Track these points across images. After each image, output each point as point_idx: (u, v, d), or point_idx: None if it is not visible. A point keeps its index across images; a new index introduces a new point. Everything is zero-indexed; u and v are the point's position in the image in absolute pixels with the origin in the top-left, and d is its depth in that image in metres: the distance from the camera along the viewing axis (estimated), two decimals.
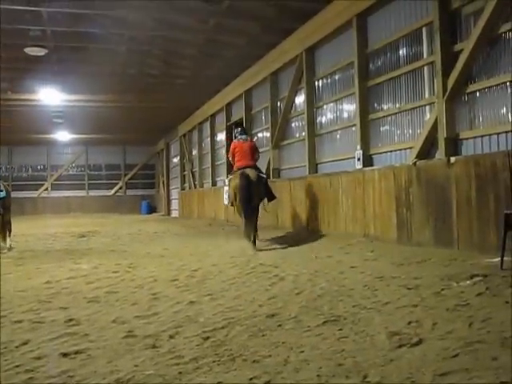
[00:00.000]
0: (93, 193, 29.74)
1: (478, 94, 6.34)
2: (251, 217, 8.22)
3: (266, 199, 8.86)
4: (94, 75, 13.90)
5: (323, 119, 10.32)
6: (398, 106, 7.95)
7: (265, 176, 8.98)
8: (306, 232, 9.76)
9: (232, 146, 9.04)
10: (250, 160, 8.80)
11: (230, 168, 11.32)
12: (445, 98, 6.64)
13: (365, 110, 8.61)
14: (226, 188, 9.26)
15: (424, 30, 7.25)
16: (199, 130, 20.04)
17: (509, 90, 5.86)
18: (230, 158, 9.11)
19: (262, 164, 12.90)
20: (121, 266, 6.28)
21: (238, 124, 13.69)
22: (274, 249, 7.88)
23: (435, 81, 6.91)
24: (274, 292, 4.36)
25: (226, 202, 9.24)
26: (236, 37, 11.10)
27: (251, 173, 8.56)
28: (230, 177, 9.00)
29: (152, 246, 9.17)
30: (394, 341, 2.75)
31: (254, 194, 8.35)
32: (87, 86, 15.10)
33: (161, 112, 19.32)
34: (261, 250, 7.59)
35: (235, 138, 9.21)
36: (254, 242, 7.97)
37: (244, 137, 9.12)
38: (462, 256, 5.43)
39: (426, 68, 7.29)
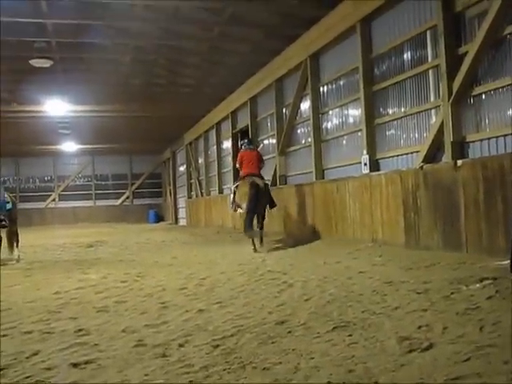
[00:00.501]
0: (100, 203, 29.84)
1: (483, 96, 6.31)
2: (257, 222, 9.07)
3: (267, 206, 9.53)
4: (99, 85, 13.99)
5: (329, 125, 10.32)
6: (403, 110, 7.93)
7: (268, 183, 9.77)
8: (313, 238, 9.76)
9: (239, 156, 9.90)
10: (256, 168, 9.68)
11: (236, 175, 11.63)
12: (450, 101, 6.62)
13: (370, 114, 8.60)
14: (231, 195, 9.90)
15: (428, 33, 7.23)
16: (205, 138, 20.07)
17: None
18: (238, 166, 9.94)
19: (268, 171, 12.95)
20: (129, 276, 6.30)
21: (244, 133, 14.43)
22: (281, 255, 7.88)
23: (440, 84, 6.89)
24: (283, 299, 4.36)
25: (230, 208, 10.01)
26: (240, 44, 11.15)
27: (259, 181, 9.34)
28: (237, 183, 9.67)
29: (160, 254, 9.18)
30: (404, 346, 2.74)
31: (260, 201, 9.10)
32: (93, 96, 15.20)
33: (166, 121, 19.39)
34: (268, 250, 7.67)
35: (243, 147, 10.07)
36: (261, 242, 8.87)
37: (251, 147, 10.06)
38: (470, 259, 5.40)
39: (430, 71, 7.27)
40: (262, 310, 3.95)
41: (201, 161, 21.18)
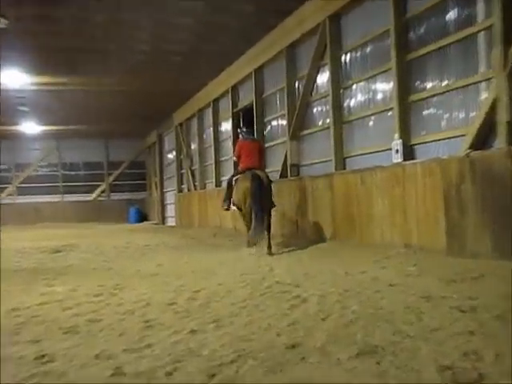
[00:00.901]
0: (69, 198, 29.99)
1: None
2: (262, 222, 9.30)
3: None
4: (66, 52, 13.87)
5: (352, 102, 10.34)
6: (445, 83, 7.91)
7: (271, 180, 10.24)
8: (332, 242, 9.81)
9: (238, 146, 10.44)
10: (257, 161, 10.22)
11: (235, 168, 11.90)
12: (506, 71, 6.57)
13: (404, 89, 8.59)
14: (226, 189, 10.47)
15: None
16: (199, 118, 20.15)
17: None
18: (235, 159, 10.54)
19: (276, 159, 13.08)
20: (105, 288, 6.32)
21: (248, 113, 14.77)
22: (293, 263, 7.92)
23: (493, 50, 6.83)
24: (295, 317, 4.37)
25: (225, 205, 10.48)
26: (243, 3, 11.09)
27: (263, 175, 9.82)
28: (236, 177, 10.16)
29: (143, 262, 9.23)
30: (446, 377, 2.72)
31: (266, 198, 9.55)
32: (58, 65, 15.13)
33: (151, 97, 19.46)
34: (277, 257, 7.62)
35: (241, 136, 10.63)
36: (269, 247, 9.30)
37: (251, 136, 10.64)
38: None
39: (481, 35, 7.21)
40: (269, 330, 3.97)
41: (194, 146, 21.27)
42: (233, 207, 10.45)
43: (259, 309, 4.78)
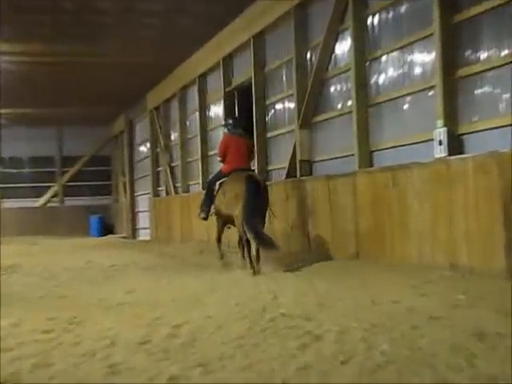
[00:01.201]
0: (9, 203, 29.98)
1: None
2: (260, 235, 9.63)
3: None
4: (5, 11, 13.69)
5: (381, 79, 10.36)
6: (505, 53, 7.88)
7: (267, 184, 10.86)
8: (355, 261, 9.83)
9: (223, 142, 11.04)
10: (246, 161, 10.91)
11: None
12: None
13: (450, 61, 8.60)
14: (205, 193, 11.14)
15: None
16: (181, 100, 20.18)
17: None
18: (219, 158, 11.09)
19: (282, 153, 13.14)
20: (57, 322, 6.25)
21: (245, 93, 14.95)
22: (303, 288, 7.88)
23: None
24: (306, 359, 4.35)
25: (203, 213, 10.99)
26: None
27: (259, 177, 10.61)
28: (222, 180, 10.67)
29: (108, 287, 9.21)
30: None
31: (263, 205, 10.10)
32: None
33: (118, 72, 19.48)
34: (282, 279, 7.65)
35: (227, 130, 11.21)
36: (258, 259, 9.79)
37: (239, 131, 11.07)
38: None
39: None
40: (272, 377, 3.94)
41: (174, 137, 21.36)
42: (213, 216, 10.92)
43: (259, 349, 4.77)
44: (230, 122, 11.29)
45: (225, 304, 6.97)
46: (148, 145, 24.28)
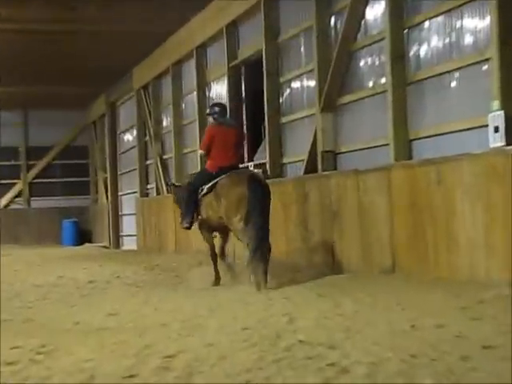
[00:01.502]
0: None
1: None
2: (265, 244, 10.02)
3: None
4: None
5: (422, 50, 10.36)
6: None
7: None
8: (390, 275, 9.82)
9: (208, 134, 11.20)
10: (236, 157, 11.23)
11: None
12: None
13: (510, 28, 8.52)
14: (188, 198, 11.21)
15: None
16: (175, 77, 20.25)
17: None
18: (202, 151, 11.43)
19: (300, 142, 13.16)
20: (23, 352, 6.22)
21: (253, 67, 15.20)
22: (325, 309, 7.82)
23: None
24: None
25: (186, 222, 11.31)
26: None
27: (262, 177, 11.03)
28: (214, 181, 10.67)
29: (85, 309, 9.22)
30: None
31: (268, 209, 10.26)
32: None
33: (97, 43, 19.52)
34: (299, 297, 7.76)
35: (213, 120, 11.41)
36: (266, 274, 9.86)
37: (227, 120, 11.54)
38: None
39: None
40: None
41: (167, 122, 21.40)
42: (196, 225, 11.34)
43: None
44: (216, 109, 11.40)
45: (229, 328, 6.90)
46: (134, 132, 24.26)
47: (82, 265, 17.04)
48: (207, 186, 10.75)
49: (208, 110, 11.82)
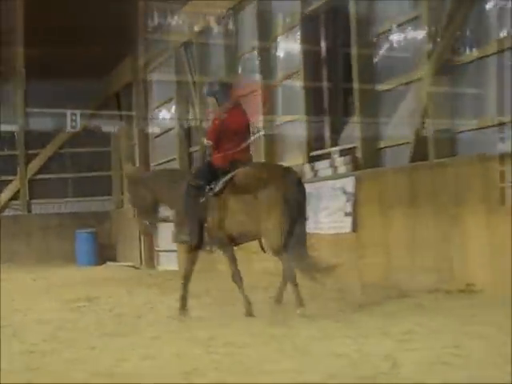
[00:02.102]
0: None
1: None
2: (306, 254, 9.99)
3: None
4: None
5: None
6: None
7: None
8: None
9: (218, 120, 10.58)
10: (249, 150, 10.88)
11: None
12: None
13: None
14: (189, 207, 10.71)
15: None
16: (227, 30, 19.43)
17: None
18: (209, 142, 10.66)
19: (412, 116, 12.73)
20: None
21: (329, 28, 15.20)
22: (442, 347, 7.15)
23: None
24: None
25: (184, 236, 10.93)
26: None
27: (298, 174, 11.22)
28: (226, 178, 10.21)
29: (112, 350, 8.25)
30: None
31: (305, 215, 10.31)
32: None
33: None
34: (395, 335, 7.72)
35: (217, 101, 10.65)
36: (299, 297, 9.64)
37: (235, 101, 11.03)
38: None
39: None
40: None
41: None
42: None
43: None
44: (218, 88, 10.85)
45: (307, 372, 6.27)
46: (173, 108, 22.82)
47: (103, 291, 16.09)
48: (219, 184, 10.19)
49: (206, 90, 11.29)
